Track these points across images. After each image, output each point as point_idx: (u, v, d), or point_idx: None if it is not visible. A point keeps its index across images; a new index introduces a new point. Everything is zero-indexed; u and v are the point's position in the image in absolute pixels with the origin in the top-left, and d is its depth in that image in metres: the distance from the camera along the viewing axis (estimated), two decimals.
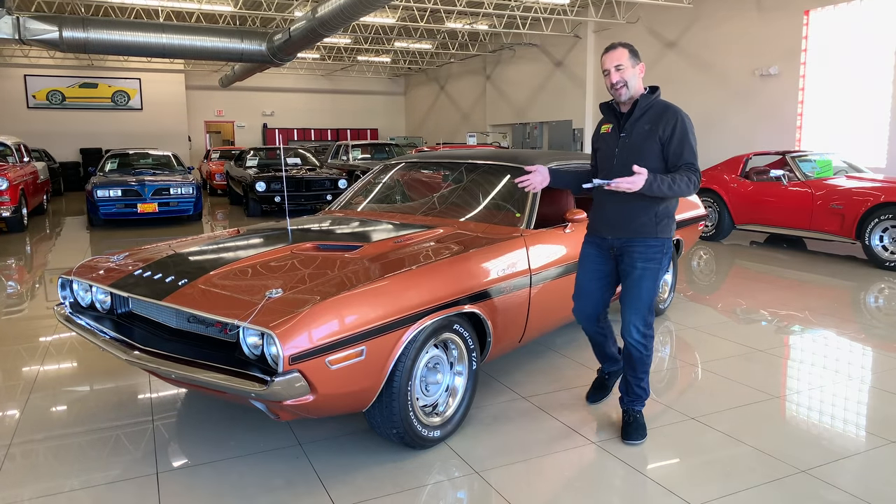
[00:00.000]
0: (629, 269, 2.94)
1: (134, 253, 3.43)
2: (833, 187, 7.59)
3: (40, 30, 10.96)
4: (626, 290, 2.97)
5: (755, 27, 11.84)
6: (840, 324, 4.94)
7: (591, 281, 3.10)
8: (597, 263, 3.08)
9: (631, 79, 2.86)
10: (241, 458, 2.88)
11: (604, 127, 3.06)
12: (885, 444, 2.96)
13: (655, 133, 2.83)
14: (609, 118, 3.04)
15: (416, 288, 2.76)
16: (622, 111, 2.96)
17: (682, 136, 2.81)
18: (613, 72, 2.85)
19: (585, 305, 3.15)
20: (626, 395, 3.09)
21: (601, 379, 3.44)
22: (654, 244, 2.91)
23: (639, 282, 2.91)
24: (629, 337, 2.95)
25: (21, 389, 3.72)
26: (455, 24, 16.09)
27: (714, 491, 2.58)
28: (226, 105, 23.55)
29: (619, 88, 2.86)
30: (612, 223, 2.97)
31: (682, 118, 2.83)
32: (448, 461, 2.84)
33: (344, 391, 2.51)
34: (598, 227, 3.06)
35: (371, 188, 4.61)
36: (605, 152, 3.01)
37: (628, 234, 2.92)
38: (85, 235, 10.13)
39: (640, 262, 2.91)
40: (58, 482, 2.70)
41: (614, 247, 2.99)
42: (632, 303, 2.93)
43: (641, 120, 2.88)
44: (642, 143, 2.86)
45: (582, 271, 3.15)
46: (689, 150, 2.81)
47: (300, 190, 11.72)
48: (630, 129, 2.90)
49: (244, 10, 14.44)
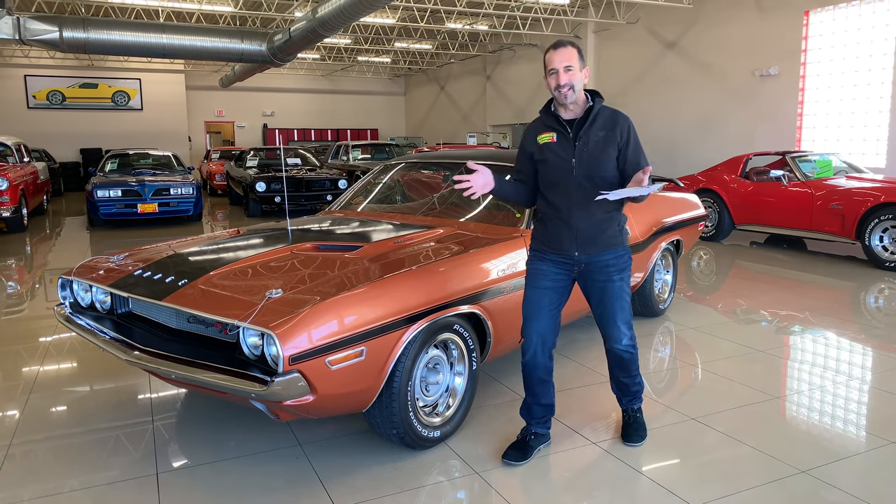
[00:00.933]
0: (604, 282, 2.78)
1: (134, 253, 3.43)
2: (833, 187, 7.59)
3: (40, 30, 10.96)
4: (606, 305, 2.81)
5: (755, 27, 11.84)
6: (840, 324, 4.94)
7: (547, 297, 2.80)
8: (554, 280, 2.80)
9: (577, 82, 2.65)
10: (241, 459, 2.88)
11: (544, 137, 2.76)
12: (885, 445, 2.96)
13: (612, 140, 2.68)
14: (551, 126, 2.76)
15: (416, 288, 2.76)
16: (565, 117, 2.74)
17: (635, 141, 2.72)
18: (562, 72, 2.64)
19: (541, 325, 2.81)
20: (625, 396, 3.03)
21: (524, 440, 2.91)
22: (623, 253, 2.81)
23: (620, 293, 2.79)
24: (620, 345, 2.85)
25: (21, 389, 3.72)
26: (455, 25, 16.09)
27: (714, 491, 2.58)
28: (226, 105, 23.55)
29: (566, 91, 2.64)
30: (581, 240, 2.73)
31: (631, 123, 2.74)
32: (448, 461, 2.84)
33: (344, 391, 2.51)
34: (561, 245, 2.77)
35: (371, 188, 4.61)
36: (557, 165, 2.71)
37: (600, 250, 2.75)
38: (85, 235, 10.13)
39: (616, 274, 2.78)
40: (58, 482, 2.70)
41: (580, 263, 2.77)
42: (617, 314, 2.82)
43: (595, 126, 2.69)
44: (601, 151, 2.68)
45: (535, 289, 2.82)
46: (643, 155, 2.73)
47: (300, 190, 11.72)
48: (585, 137, 2.68)
49: (244, 10, 14.44)
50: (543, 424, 2.95)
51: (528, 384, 2.90)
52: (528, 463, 2.83)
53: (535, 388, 2.89)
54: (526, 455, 2.85)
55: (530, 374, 2.87)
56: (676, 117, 13.52)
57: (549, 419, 2.97)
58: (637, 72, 14.51)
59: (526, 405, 2.95)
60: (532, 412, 2.93)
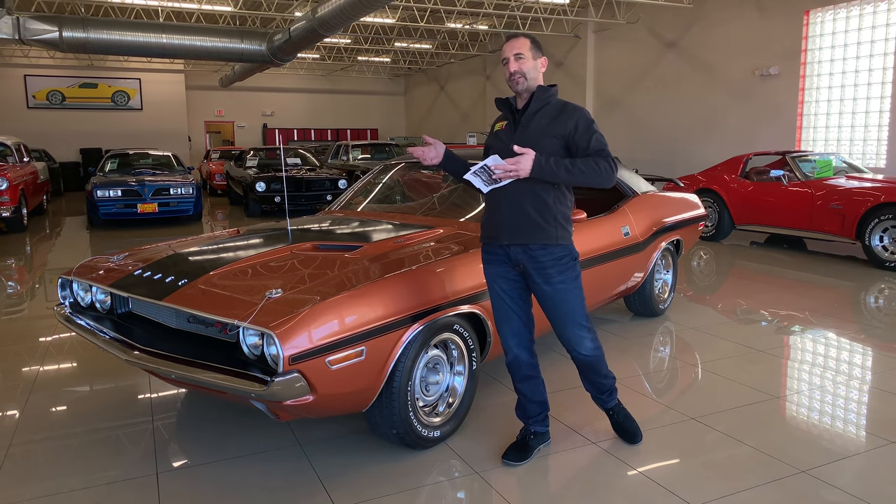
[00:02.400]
0: (544, 286, 2.67)
1: (134, 253, 3.43)
2: (833, 187, 7.59)
3: (40, 30, 10.96)
4: (553, 309, 2.70)
5: (755, 27, 11.84)
6: (840, 324, 4.94)
7: (508, 298, 2.76)
8: (506, 281, 2.75)
9: (530, 70, 2.64)
10: (241, 459, 2.88)
11: (498, 125, 2.83)
12: (886, 445, 2.96)
13: (555, 129, 2.61)
14: (505, 114, 2.81)
15: (416, 288, 2.76)
16: (518, 107, 2.74)
17: (585, 127, 2.61)
18: (512, 61, 2.64)
19: (513, 326, 2.77)
20: (600, 393, 2.95)
21: (524, 440, 2.91)
22: (562, 254, 2.67)
23: (564, 297, 2.67)
24: (580, 350, 2.75)
25: (21, 389, 3.72)
26: (455, 25, 16.09)
27: (714, 491, 2.58)
28: (226, 105, 23.55)
29: (517, 79, 2.64)
30: (508, 225, 2.65)
31: (583, 113, 2.65)
32: (448, 461, 2.84)
33: (344, 391, 2.51)
34: (492, 230, 2.71)
35: (371, 188, 4.61)
36: (498, 150, 2.68)
37: (528, 240, 2.63)
38: (85, 235, 10.13)
39: (557, 276, 2.65)
40: (58, 482, 2.70)
41: (517, 259, 2.68)
42: (567, 318, 2.70)
43: (539, 114, 2.66)
44: (540, 137, 2.61)
45: (495, 294, 2.79)
46: (596, 139, 2.59)
47: (300, 190, 11.72)
48: (526, 123, 2.67)
49: (244, 10, 14.44)
50: (541, 423, 2.94)
51: (516, 384, 2.91)
52: (528, 463, 2.83)
53: (524, 387, 2.89)
54: (526, 455, 2.85)
55: (516, 373, 2.87)
56: (676, 117, 13.52)
57: (545, 417, 2.96)
58: (637, 72, 14.50)
59: (520, 405, 2.95)
60: (527, 411, 2.92)
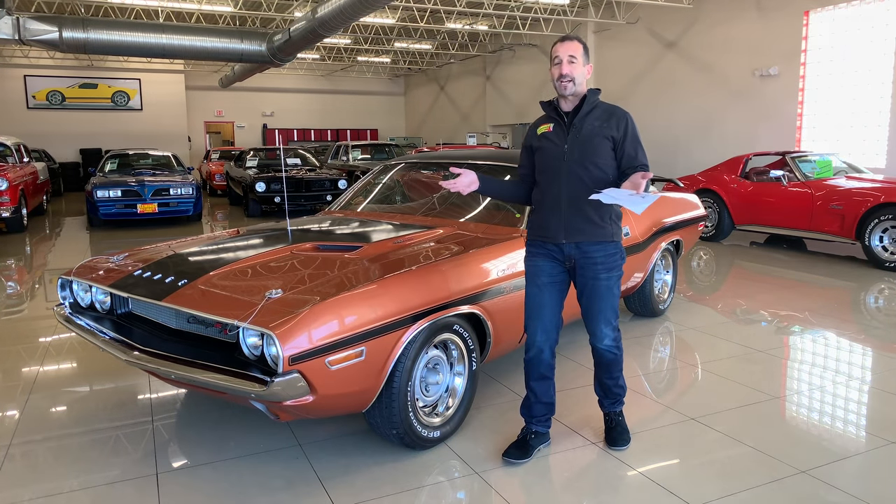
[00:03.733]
0: (591, 280, 2.77)
1: (134, 253, 3.43)
2: (833, 188, 7.59)
3: (40, 30, 10.96)
4: (591, 302, 2.80)
5: (755, 28, 11.84)
6: (840, 324, 4.94)
7: (547, 293, 2.82)
8: (550, 276, 2.82)
9: (579, 76, 2.72)
10: (240, 459, 2.88)
11: (543, 127, 2.85)
12: (885, 445, 2.96)
13: (607, 131, 2.72)
14: (550, 116, 2.85)
15: (416, 288, 2.76)
16: (564, 109, 2.80)
17: (633, 136, 2.75)
18: (566, 62, 2.69)
19: (545, 322, 2.82)
20: (606, 398, 2.99)
21: (524, 440, 2.93)
22: (614, 252, 2.79)
23: (606, 292, 2.77)
24: (603, 344, 2.84)
25: (21, 389, 3.72)
26: (455, 25, 16.09)
27: (714, 491, 2.58)
28: (226, 105, 23.55)
29: (566, 82, 2.70)
30: (569, 227, 2.74)
31: (630, 119, 2.78)
32: (448, 461, 2.84)
33: (344, 392, 2.51)
34: (549, 231, 2.78)
35: (371, 188, 4.61)
36: (551, 151, 2.78)
37: (588, 238, 2.73)
38: (85, 236, 10.13)
39: (604, 273, 2.76)
40: (58, 482, 2.70)
41: (570, 255, 2.77)
42: (600, 313, 2.79)
43: (590, 116, 2.76)
44: (593, 138, 2.72)
45: (534, 286, 2.83)
46: (642, 151, 2.76)
47: (300, 190, 11.72)
48: (580, 125, 2.75)
49: (244, 10, 14.44)
50: (544, 423, 2.95)
51: (529, 382, 2.91)
52: (528, 462, 2.83)
53: (536, 386, 2.89)
54: (526, 454, 2.85)
55: (533, 371, 2.88)
56: (676, 117, 13.52)
57: (549, 418, 2.97)
58: (637, 72, 14.50)
59: (527, 403, 2.95)
60: (532, 410, 2.93)
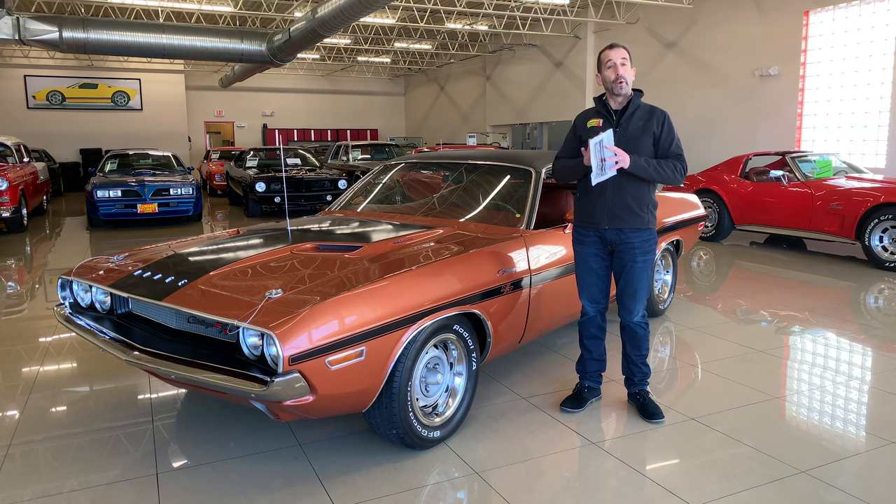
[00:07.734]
0: (630, 263, 3.13)
1: (134, 253, 3.43)
2: (833, 188, 7.59)
3: (40, 30, 10.96)
4: (628, 282, 3.16)
5: (755, 28, 11.84)
6: (840, 324, 4.94)
7: (594, 273, 3.23)
8: (595, 260, 3.21)
9: (630, 77, 3.09)
10: (240, 459, 2.88)
11: (592, 122, 3.18)
12: (885, 445, 2.96)
13: (649, 129, 3.08)
14: (600, 112, 3.19)
15: (416, 288, 2.76)
16: (614, 108, 3.15)
17: (669, 131, 3.12)
18: (619, 65, 3.06)
19: (593, 293, 3.26)
20: (634, 376, 3.32)
21: (579, 393, 3.41)
22: (649, 237, 3.15)
23: (642, 274, 3.14)
24: (634, 319, 3.21)
25: (21, 389, 3.72)
26: (455, 25, 16.09)
27: (714, 491, 2.58)
28: (226, 105, 23.55)
29: (621, 83, 3.06)
30: (611, 214, 3.09)
31: (668, 117, 3.16)
32: (448, 461, 2.84)
33: (344, 391, 2.51)
34: (594, 217, 3.15)
35: (371, 189, 4.61)
36: None
37: (628, 226, 3.09)
38: (85, 236, 10.13)
39: (641, 256, 3.12)
40: (58, 482, 2.70)
41: (611, 241, 3.14)
42: (636, 293, 3.17)
43: (635, 116, 3.11)
44: (639, 136, 3.08)
45: (584, 269, 3.25)
46: (676, 143, 3.12)
47: (300, 190, 11.72)
48: (626, 124, 3.10)
49: (244, 10, 14.43)
50: (596, 379, 3.41)
51: (583, 340, 3.36)
52: (583, 411, 3.30)
53: (590, 343, 3.35)
54: (580, 405, 3.33)
55: (585, 331, 3.34)
56: (676, 117, 13.32)
57: (600, 375, 3.42)
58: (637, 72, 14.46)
59: (581, 360, 3.40)
60: (586, 367, 3.38)
